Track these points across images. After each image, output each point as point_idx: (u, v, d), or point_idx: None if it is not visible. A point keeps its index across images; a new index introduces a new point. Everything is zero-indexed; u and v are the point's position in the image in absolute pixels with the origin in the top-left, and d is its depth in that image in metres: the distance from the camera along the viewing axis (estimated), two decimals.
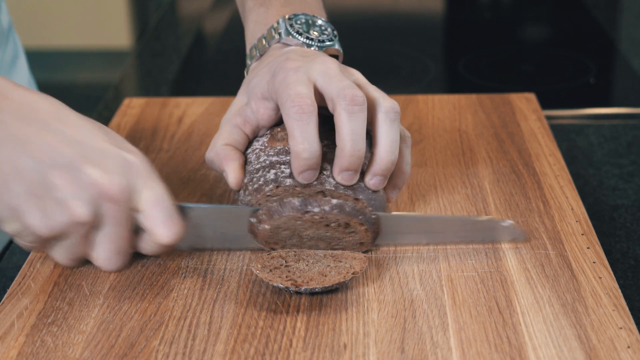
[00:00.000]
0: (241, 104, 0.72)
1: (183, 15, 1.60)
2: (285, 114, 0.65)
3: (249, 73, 0.76)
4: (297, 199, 0.65)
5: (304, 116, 0.64)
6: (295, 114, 0.64)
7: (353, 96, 0.65)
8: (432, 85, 1.23)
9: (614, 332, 0.60)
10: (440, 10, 1.64)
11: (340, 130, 0.65)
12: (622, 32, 1.45)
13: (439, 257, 0.69)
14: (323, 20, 0.76)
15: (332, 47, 0.75)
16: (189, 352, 0.60)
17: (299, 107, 0.64)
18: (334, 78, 0.67)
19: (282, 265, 0.66)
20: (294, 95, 0.65)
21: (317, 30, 0.75)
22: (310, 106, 0.65)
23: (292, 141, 0.65)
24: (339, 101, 0.65)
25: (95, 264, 0.66)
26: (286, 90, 0.66)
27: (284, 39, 0.74)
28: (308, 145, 0.64)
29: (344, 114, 0.65)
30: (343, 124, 0.65)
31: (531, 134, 0.88)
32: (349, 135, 0.65)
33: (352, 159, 0.65)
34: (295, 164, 0.65)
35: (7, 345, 0.61)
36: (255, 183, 0.68)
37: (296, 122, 0.64)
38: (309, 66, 0.68)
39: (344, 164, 0.65)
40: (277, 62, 0.69)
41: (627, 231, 0.82)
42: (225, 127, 0.72)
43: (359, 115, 0.65)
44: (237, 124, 0.71)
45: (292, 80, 0.66)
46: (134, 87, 1.30)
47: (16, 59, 1.02)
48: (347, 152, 0.65)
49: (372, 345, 0.60)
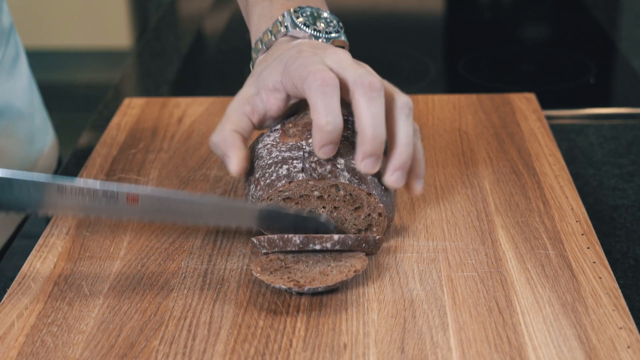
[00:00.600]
0: (250, 94, 0.72)
1: (183, 15, 1.60)
2: (307, 88, 0.65)
3: (257, 66, 0.76)
4: (299, 236, 0.66)
5: (328, 89, 0.65)
6: (319, 87, 0.65)
7: (371, 82, 0.65)
8: (432, 85, 1.23)
9: (614, 332, 0.60)
10: (440, 10, 1.64)
11: (360, 115, 0.65)
12: (622, 32, 1.45)
13: (439, 257, 0.69)
14: (328, 12, 0.77)
15: (339, 39, 0.75)
16: (189, 352, 0.60)
17: (322, 80, 0.65)
18: (349, 67, 0.67)
19: (282, 267, 0.66)
20: (316, 70, 0.65)
21: (323, 22, 0.75)
22: (333, 79, 0.65)
23: (315, 114, 0.65)
24: (356, 88, 0.65)
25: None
26: (306, 69, 0.66)
27: (291, 32, 0.74)
28: (332, 118, 0.64)
29: (363, 100, 0.65)
30: (363, 109, 0.65)
31: (531, 134, 0.88)
32: (370, 120, 0.65)
33: (375, 143, 0.65)
34: (317, 137, 0.65)
35: (7, 345, 0.61)
36: (267, 178, 0.68)
37: (320, 95, 0.65)
38: (323, 55, 0.68)
39: (367, 149, 0.65)
40: (289, 54, 0.70)
41: (627, 231, 0.82)
42: (233, 114, 0.71)
43: (378, 101, 0.65)
44: (245, 112, 0.71)
45: (310, 62, 0.67)
46: (134, 87, 1.30)
47: (17, 59, 1.02)
48: (370, 136, 0.65)
49: (372, 345, 0.60)
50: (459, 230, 0.72)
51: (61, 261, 0.70)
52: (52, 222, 0.75)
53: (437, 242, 0.71)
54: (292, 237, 0.66)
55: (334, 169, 0.67)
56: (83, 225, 0.75)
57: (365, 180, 0.67)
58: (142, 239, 0.72)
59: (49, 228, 0.74)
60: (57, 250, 0.71)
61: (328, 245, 0.66)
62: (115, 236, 0.73)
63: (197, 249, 0.71)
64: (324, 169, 0.67)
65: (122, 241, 0.72)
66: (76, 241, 0.73)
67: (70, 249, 0.71)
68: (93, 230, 0.74)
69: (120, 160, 0.86)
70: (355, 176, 0.67)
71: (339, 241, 0.66)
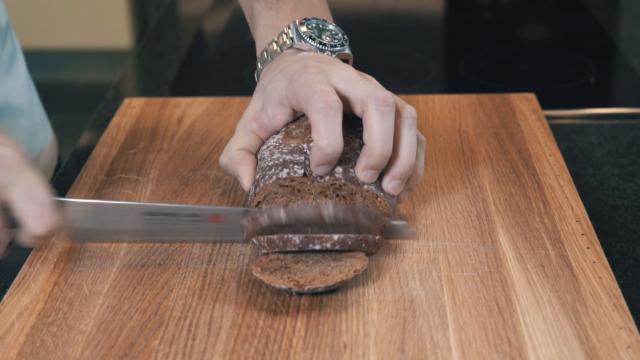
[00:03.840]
0: (256, 110, 0.73)
1: (183, 15, 1.60)
2: (311, 109, 0.66)
3: (262, 78, 0.76)
4: (299, 236, 0.66)
5: (331, 112, 0.65)
6: (322, 109, 0.65)
7: (385, 97, 0.66)
8: (432, 85, 1.23)
9: (614, 332, 0.60)
10: (440, 10, 1.64)
11: (371, 129, 0.66)
12: (622, 32, 1.45)
13: (439, 257, 0.69)
14: (334, 25, 0.77)
15: (344, 52, 0.76)
16: (189, 352, 0.60)
17: (325, 103, 0.65)
18: (359, 82, 0.68)
19: (282, 267, 0.66)
20: (320, 92, 0.66)
21: (328, 34, 0.76)
22: (337, 102, 0.66)
23: (317, 136, 0.65)
24: (370, 102, 0.66)
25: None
26: (310, 88, 0.67)
27: (297, 44, 0.75)
28: (333, 141, 0.65)
29: (376, 114, 0.66)
30: (375, 123, 0.66)
31: (531, 134, 0.88)
32: (380, 135, 0.66)
33: (381, 159, 0.66)
34: (315, 157, 0.66)
35: (7, 345, 0.61)
36: (267, 180, 0.68)
37: (322, 117, 0.65)
38: (328, 71, 0.69)
39: (372, 163, 0.66)
40: (294, 68, 0.70)
41: (627, 231, 0.82)
42: (240, 132, 0.72)
43: (389, 117, 0.66)
44: (252, 130, 0.72)
45: (315, 81, 0.67)
46: (134, 87, 1.30)
47: (14, 58, 1.02)
48: (378, 151, 0.66)
49: (372, 345, 0.60)
50: (459, 230, 0.72)
51: (61, 261, 0.70)
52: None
53: (437, 242, 0.71)
54: (292, 237, 0.66)
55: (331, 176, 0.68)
56: None
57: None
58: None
59: None
60: (57, 250, 0.71)
61: (328, 245, 0.66)
62: None
63: (197, 249, 0.71)
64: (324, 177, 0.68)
65: (122, 241, 0.72)
66: None
67: (70, 249, 0.71)
68: None
69: (120, 160, 0.86)
70: (354, 184, 0.68)
71: (339, 241, 0.66)
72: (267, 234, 0.67)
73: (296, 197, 0.69)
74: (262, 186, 0.68)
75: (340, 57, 0.76)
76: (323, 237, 0.66)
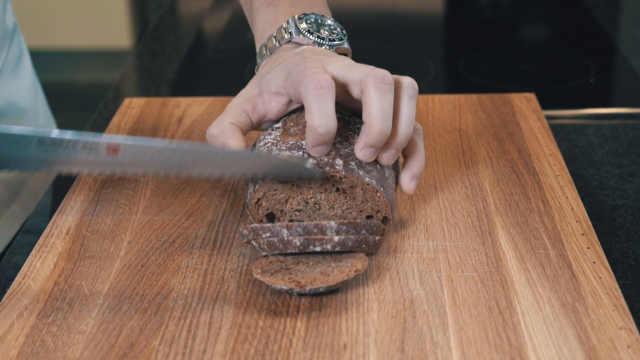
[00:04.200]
0: (252, 93, 0.73)
1: (183, 15, 1.60)
2: (303, 90, 0.66)
3: (260, 69, 0.76)
4: (299, 238, 0.66)
5: (322, 92, 0.65)
6: (313, 89, 0.65)
7: (383, 75, 0.66)
8: (432, 85, 1.23)
9: (614, 332, 0.60)
10: (440, 10, 1.64)
11: (370, 108, 0.65)
12: (622, 32, 1.45)
13: (439, 257, 0.69)
14: (332, 19, 0.77)
15: (342, 46, 0.76)
16: (189, 352, 0.60)
17: (317, 83, 0.65)
18: (356, 66, 0.68)
19: (282, 269, 0.66)
20: (312, 74, 0.66)
21: (326, 29, 0.76)
22: (329, 82, 0.65)
23: (309, 116, 0.65)
24: (368, 80, 0.66)
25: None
26: (305, 72, 0.67)
27: (295, 39, 0.75)
28: (325, 121, 0.65)
29: (375, 92, 0.65)
30: (373, 101, 0.65)
31: (531, 134, 0.88)
32: (379, 113, 0.65)
33: (380, 137, 0.66)
34: (310, 138, 0.66)
35: (7, 345, 0.61)
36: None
37: (314, 98, 0.65)
38: (326, 62, 0.69)
39: (370, 141, 0.66)
40: (293, 60, 0.70)
41: (627, 231, 0.82)
42: (234, 109, 0.72)
43: (388, 95, 0.66)
44: (245, 109, 0.72)
45: (310, 67, 0.67)
46: (134, 87, 1.30)
47: (21, 58, 1.02)
48: (377, 130, 0.65)
49: (372, 345, 0.60)
50: (459, 230, 0.72)
51: (61, 261, 0.70)
52: (52, 222, 0.75)
53: (437, 242, 0.71)
54: (292, 240, 0.66)
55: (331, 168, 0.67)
56: (83, 225, 0.75)
57: (367, 168, 0.68)
58: (142, 239, 0.73)
59: (49, 228, 0.74)
60: (57, 250, 0.71)
61: (328, 247, 0.66)
62: (115, 236, 0.73)
63: (197, 249, 0.71)
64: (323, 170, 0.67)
65: (122, 241, 0.72)
66: (76, 241, 0.73)
67: (70, 249, 0.71)
68: (93, 230, 0.74)
69: None
70: (354, 177, 0.68)
71: (339, 243, 0.66)
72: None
73: (295, 193, 0.69)
74: (261, 183, 0.68)
75: (339, 52, 0.76)
76: (323, 238, 0.66)
